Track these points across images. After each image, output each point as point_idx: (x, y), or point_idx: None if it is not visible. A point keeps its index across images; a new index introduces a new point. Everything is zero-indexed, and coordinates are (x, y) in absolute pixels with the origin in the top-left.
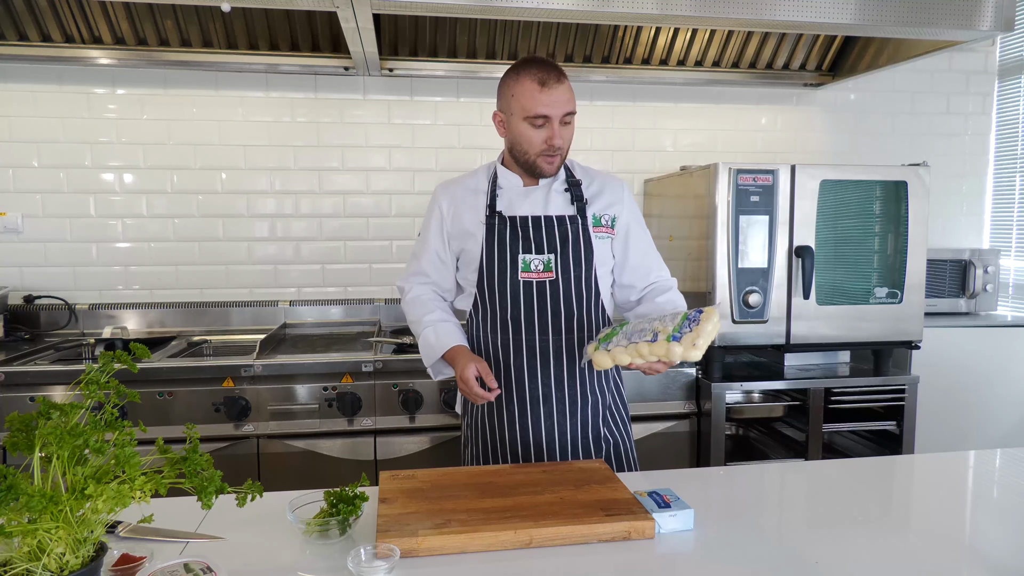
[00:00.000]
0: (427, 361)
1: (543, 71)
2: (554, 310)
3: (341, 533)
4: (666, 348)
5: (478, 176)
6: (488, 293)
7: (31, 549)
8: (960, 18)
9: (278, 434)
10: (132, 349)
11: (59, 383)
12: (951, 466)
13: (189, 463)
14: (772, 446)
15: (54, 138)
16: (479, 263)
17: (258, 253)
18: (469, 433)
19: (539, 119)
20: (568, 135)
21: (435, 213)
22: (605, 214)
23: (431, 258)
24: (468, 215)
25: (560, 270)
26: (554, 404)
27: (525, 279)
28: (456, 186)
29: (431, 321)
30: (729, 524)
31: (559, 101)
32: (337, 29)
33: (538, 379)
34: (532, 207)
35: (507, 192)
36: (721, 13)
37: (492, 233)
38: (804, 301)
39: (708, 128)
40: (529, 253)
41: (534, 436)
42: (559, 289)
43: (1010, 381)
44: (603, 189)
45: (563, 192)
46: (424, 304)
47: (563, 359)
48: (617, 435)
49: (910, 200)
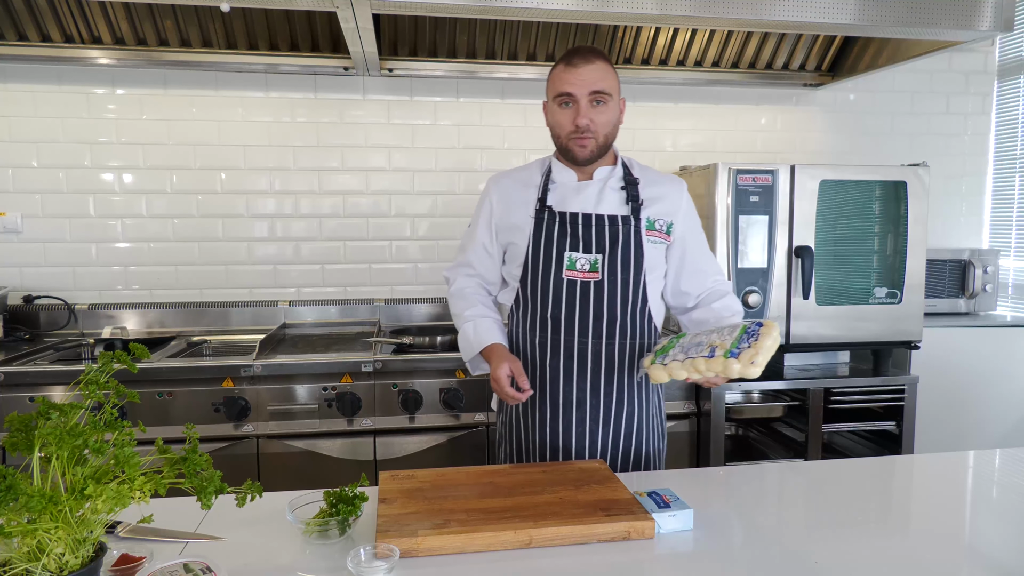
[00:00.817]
0: (465, 356)
1: (573, 53)
2: (596, 312)
3: (341, 533)
4: (723, 364)
5: (531, 169)
6: (530, 289)
7: (31, 549)
8: (960, 18)
9: (278, 434)
10: (132, 349)
11: (59, 383)
12: (951, 466)
13: (189, 463)
14: (772, 446)
15: (54, 138)
16: (524, 258)
17: (258, 253)
18: (503, 431)
19: (564, 97)
20: (601, 119)
21: (485, 205)
22: (661, 219)
23: (477, 250)
24: (518, 208)
25: (607, 271)
26: (587, 410)
27: (569, 277)
28: (508, 179)
29: (471, 316)
30: (729, 524)
31: (584, 80)
32: (337, 29)
33: (573, 382)
34: (583, 204)
35: (559, 187)
36: (721, 13)
37: (540, 228)
38: (804, 301)
39: (708, 128)
40: (576, 251)
41: (564, 440)
42: (604, 291)
43: (1010, 381)
44: (662, 192)
45: (618, 190)
46: (467, 298)
47: (601, 364)
48: (650, 451)
49: (910, 200)
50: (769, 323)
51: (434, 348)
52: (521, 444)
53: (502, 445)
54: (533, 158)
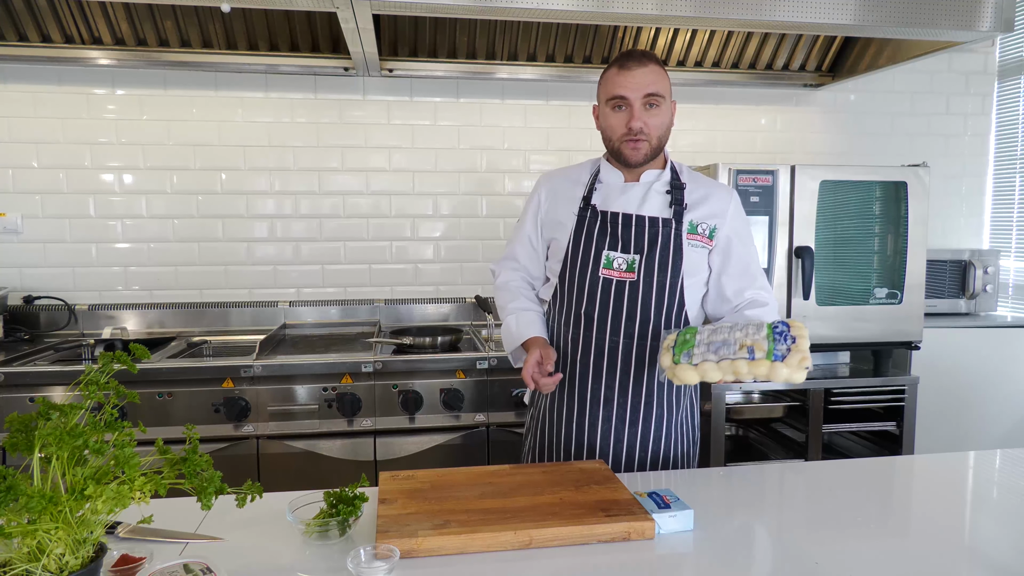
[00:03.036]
0: (507, 348)
1: (626, 56)
2: (630, 312)
3: (341, 534)
4: (769, 368)
5: (582, 168)
6: (568, 285)
7: (31, 550)
8: (960, 18)
9: (278, 435)
10: (132, 350)
11: (59, 384)
12: (951, 467)
13: (189, 464)
14: (772, 447)
15: (54, 139)
16: (565, 254)
17: (258, 253)
18: (531, 424)
19: (617, 100)
20: (654, 121)
21: (534, 200)
22: (704, 223)
23: (524, 244)
24: (564, 205)
25: (643, 272)
26: (614, 409)
27: (605, 276)
28: (558, 176)
29: (514, 309)
30: (729, 524)
31: (638, 83)
32: (337, 30)
33: (602, 380)
34: (626, 204)
35: (606, 187)
36: (721, 14)
37: (581, 225)
38: (804, 302)
39: (708, 128)
40: (614, 251)
41: (588, 438)
42: (639, 292)
43: (1010, 381)
44: (707, 197)
45: (663, 193)
46: (511, 291)
47: (631, 364)
48: (678, 455)
49: (910, 201)
50: (796, 323)
51: (434, 349)
52: (546, 438)
53: (527, 439)
54: (533, 158)
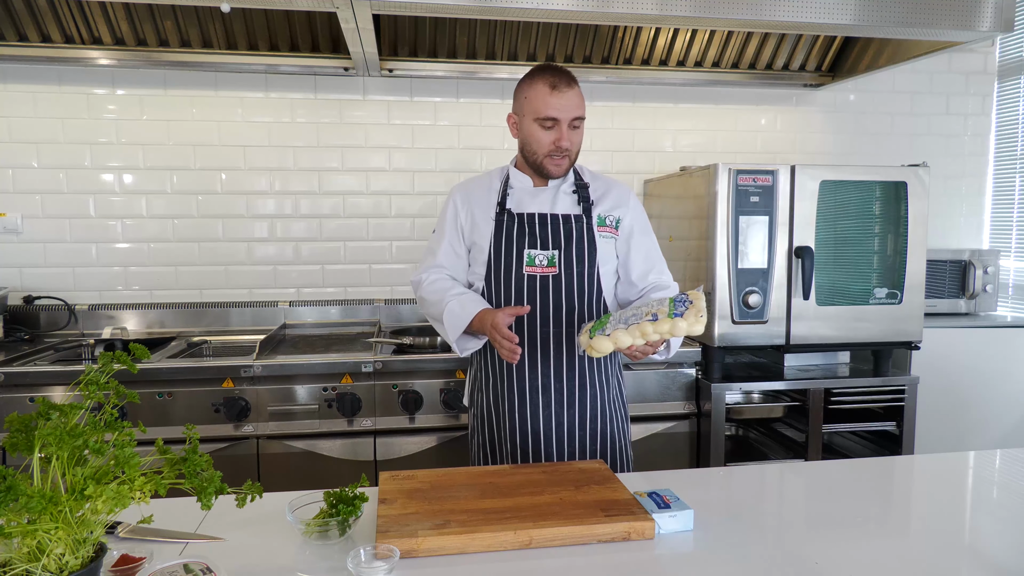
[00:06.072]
0: (453, 333)
1: (555, 76)
2: (556, 303)
3: (341, 534)
4: (671, 324)
5: (491, 177)
6: (494, 286)
7: (31, 550)
8: (960, 19)
9: (278, 435)
10: (132, 350)
11: (59, 384)
12: (951, 466)
13: (189, 464)
14: (772, 447)
15: (54, 139)
16: (487, 256)
17: (258, 253)
18: (475, 423)
19: (548, 121)
20: (576, 139)
21: (450, 209)
22: (610, 215)
23: (446, 251)
24: (480, 211)
25: (563, 266)
26: (552, 394)
27: (529, 273)
28: (471, 184)
29: (454, 295)
30: (729, 524)
31: (568, 105)
32: (337, 29)
33: (538, 369)
34: (540, 206)
35: (517, 192)
36: (721, 13)
37: (500, 228)
38: (804, 302)
39: (708, 128)
40: (534, 248)
41: (532, 426)
42: (562, 284)
43: (1010, 381)
44: (609, 192)
45: (571, 194)
46: (442, 285)
47: (563, 351)
48: (614, 430)
49: (910, 201)
50: (695, 292)
51: (434, 348)
52: (495, 432)
53: (474, 437)
54: None
